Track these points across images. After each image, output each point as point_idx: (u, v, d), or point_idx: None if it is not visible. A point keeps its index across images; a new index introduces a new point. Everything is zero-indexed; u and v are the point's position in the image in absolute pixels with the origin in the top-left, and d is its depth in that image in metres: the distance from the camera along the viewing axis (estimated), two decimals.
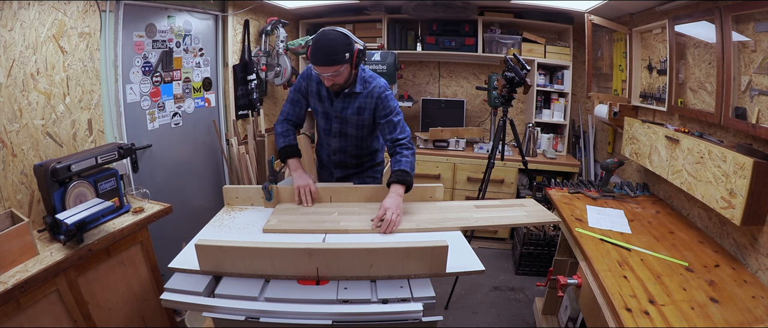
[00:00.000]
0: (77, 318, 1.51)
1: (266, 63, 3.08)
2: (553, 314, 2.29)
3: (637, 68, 2.57)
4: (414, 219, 1.55)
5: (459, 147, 3.46)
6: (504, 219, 1.60)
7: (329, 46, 1.52)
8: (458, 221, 1.54)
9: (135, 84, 2.27)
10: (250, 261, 1.16)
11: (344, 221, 1.52)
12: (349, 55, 1.55)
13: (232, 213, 1.63)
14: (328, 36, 1.54)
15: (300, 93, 1.81)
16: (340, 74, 1.57)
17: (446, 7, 3.22)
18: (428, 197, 1.76)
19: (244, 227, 1.51)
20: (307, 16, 3.68)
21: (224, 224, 1.53)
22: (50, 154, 1.76)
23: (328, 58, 1.52)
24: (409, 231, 1.47)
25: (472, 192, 3.27)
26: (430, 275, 1.19)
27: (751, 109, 1.58)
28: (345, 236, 1.44)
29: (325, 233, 1.44)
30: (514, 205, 1.72)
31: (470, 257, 1.30)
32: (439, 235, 1.41)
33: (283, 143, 1.79)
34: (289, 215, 1.58)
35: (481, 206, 1.71)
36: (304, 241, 1.32)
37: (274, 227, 1.47)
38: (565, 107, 3.36)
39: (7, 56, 1.58)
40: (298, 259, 1.15)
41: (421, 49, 3.52)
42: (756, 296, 1.34)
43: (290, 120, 1.84)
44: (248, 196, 1.71)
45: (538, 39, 3.35)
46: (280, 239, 1.38)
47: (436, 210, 1.65)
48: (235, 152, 2.78)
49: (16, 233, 1.36)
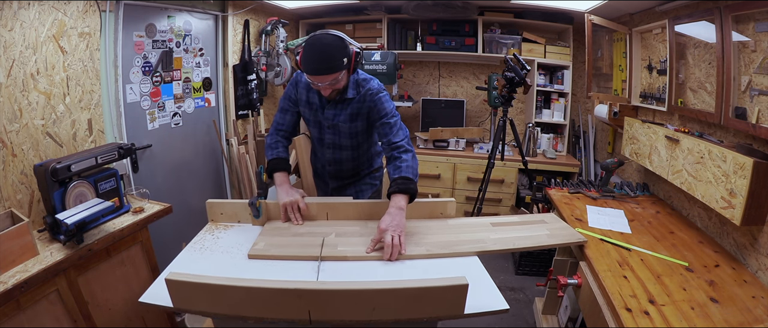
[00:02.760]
0: (77, 318, 1.51)
1: (266, 63, 3.08)
2: (553, 314, 2.29)
3: (637, 68, 2.57)
4: (423, 242, 1.37)
5: (459, 147, 3.46)
6: (525, 240, 1.44)
7: (326, 52, 1.38)
8: (474, 244, 1.37)
9: (135, 84, 2.27)
10: (227, 301, 1.00)
11: (342, 244, 1.35)
12: (347, 60, 1.42)
13: (215, 232, 1.47)
14: (322, 41, 1.40)
15: (290, 101, 1.68)
16: (339, 82, 1.45)
17: (446, 7, 3.22)
18: (439, 213, 1.59)
19: (227, 251, 1.33)
20: (307, 16, 3.68)
21: (205, 247, 1.36)
22: (50, 154, 1.76)
23: (325, 66, 1.38)
24: (418, 257, 1.29)
25: (472, 192, 3.26)
26: (445, 317, 1.04)
27: (751, 109, 1.58)
28: (344, 263, 1.27)
29: (320, 259, 1.27)
30: (534, 222, 1.59)
31: (491, 291, 1.13)
32: (453, 262, 1.28)
33: (271, 156, 1.66)
34: (278, 236, 1.41)
35: (498, 223, 1.56)
36: (295, 270, 1.20)
37: (260, 252, 1.30)
38: (565, 107, 3.36)
39: (7, 56, 1.58)
40: (285, 300, 0.99)
41: (421, 49, 3.52)
42: (756, 296, 1.34)
43: (281, 131, 1.71)
44: (234, 211, 1.54)
45: (538, 39, 3.35)
46: (266, 267, 1.23)
47: (448, 229, 1.48)
48: (235, 152, 2.78)
49: (16, 233, 1.36)
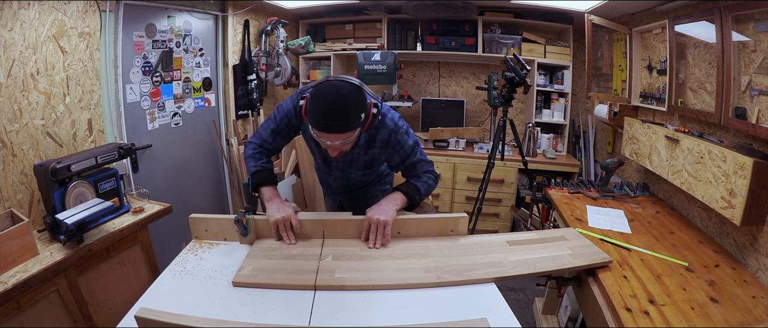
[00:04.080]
0: (77, 318, 1.51)
1: (266, 63, 3.08)
2: (553, 314, 2.29)
3: (637, 68, 2.56)
4: (434, 267, 1.22)
5: (459, 147, 3.46)
6: (547, 262, 1.30)
7: (341, 107, 1.13)
8: (491, 268, 1.22)
9: (135, 84, 2.27)
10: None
11: (340, 269, 1.20)
12: (364, 117, 1.20)
13: (199, 251, 1.33)
14: (338, 91, 1.13)
15: (289, 125, 1.44)
16: (349, 142, 1.23)
17: (446, 7, 3.22)
18: (449, 230, 1.43)
19: (210, 275, 1.19)
20: (307, 16, 3.68)
21: (187, 270, 1.22)
22: (50, 154, 1.76)
23: (338, 123, 1.14)
24: (427, 286, 1.15)
25: (472, 192, 3.26)
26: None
27: (751, 109, 1.58)
28: (341, 293, 1.12)
29: (315, 289, 1.12)
30: (554, 239, 1.47)
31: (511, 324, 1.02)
32: (469, 291, 1.14)
33: (255, 167, 1.44)
34: (267, 259, 1.26)
35: (514, 242, 1.41)
36: (285, 308, 1.05)
37: (246, 278, 1.15)
38: (565, 107, 3.36)
39: (7, 56, 1.58)
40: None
41: (421, 49, 3.52)
42: (756, 296, 1.34)
43: (265, 147, 1.49)
44: (220, 229, 1.39)
45: (538, 39, 3.35)
46: (253, 298, 1.08)
47: (459, 250, 1.33)
48: (235, 152, 2.78)
49: (16, 233, 1.36)
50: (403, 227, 1.40)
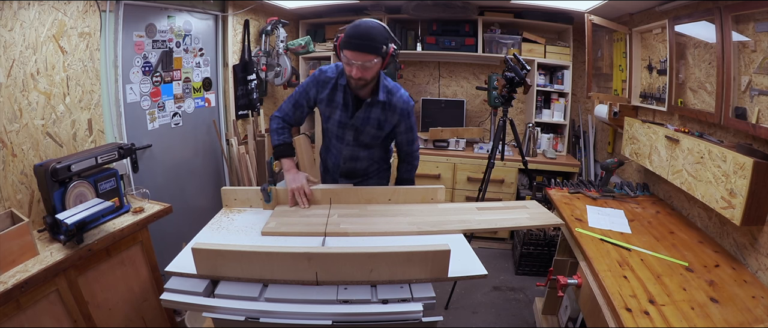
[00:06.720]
0: (77, 318, 1.51)
1: (266, 63, 3.08)
2: (553, 314, 2.29)
3: (637, 68, 2.57)
4: (415, 221, 1.52)
5: (459, 147, 3.46)
6: (506, 221, 1.58)
7: (370, 32, 1.41)
8: (460, 224, 1.51)
9: (135, 84, 2.27)
10: (247, 265, 1.14)
11: (344, 223, 1.50)
12: (385, 49, 1.45)
13: (230, 215, 1.60)
14: (368, 23, 1.44)
15: (306, 99, 1.71)
16: (369, 68, 1.46)
17: (446, 7, 3.22)
18: (430, 198, 1.74)
19: (242, 230, 1.48)
20: (307, 16, 3.68)
21: (222, 227, 1.50)
22: (50, 154, 1.76)
23: (365, 43, 1.41)
24: (410, 234, 1.44)
25: (472, 192, 3.27)
26: (431, 279, 1.18)
27: (751, 109, 1.58)
28: (345, 238, 1.41)
29: (325, 235, 1.41)
30: (516, 207, 1.71)
31: (472, 260, 1.28)
32: (440, 238, 1.40)
33: (278, 141, 1.73)
34: (287, 217, 1.55)
35: (483, 208, 1.69)
36: (303, 244, 1.28)
37: (272, 229, 1.45)
38: (565, 107, 3.36)
39: (7, 56, 1.58)
40: (296, 263, 1.13)
41: (421, 49, 3.52)
42: (756, 296, 1.34)
43: (287, 121, 1.76)
44: (247, 197, 1.68)
45: (538, 39, 3.35)
46: (278, 243, 1.36)
47: (437, 212, 1.63)
48: (235, 152, 2.78)
49: (16, 233, 1.36)
50: (393, 195, 1.72)
